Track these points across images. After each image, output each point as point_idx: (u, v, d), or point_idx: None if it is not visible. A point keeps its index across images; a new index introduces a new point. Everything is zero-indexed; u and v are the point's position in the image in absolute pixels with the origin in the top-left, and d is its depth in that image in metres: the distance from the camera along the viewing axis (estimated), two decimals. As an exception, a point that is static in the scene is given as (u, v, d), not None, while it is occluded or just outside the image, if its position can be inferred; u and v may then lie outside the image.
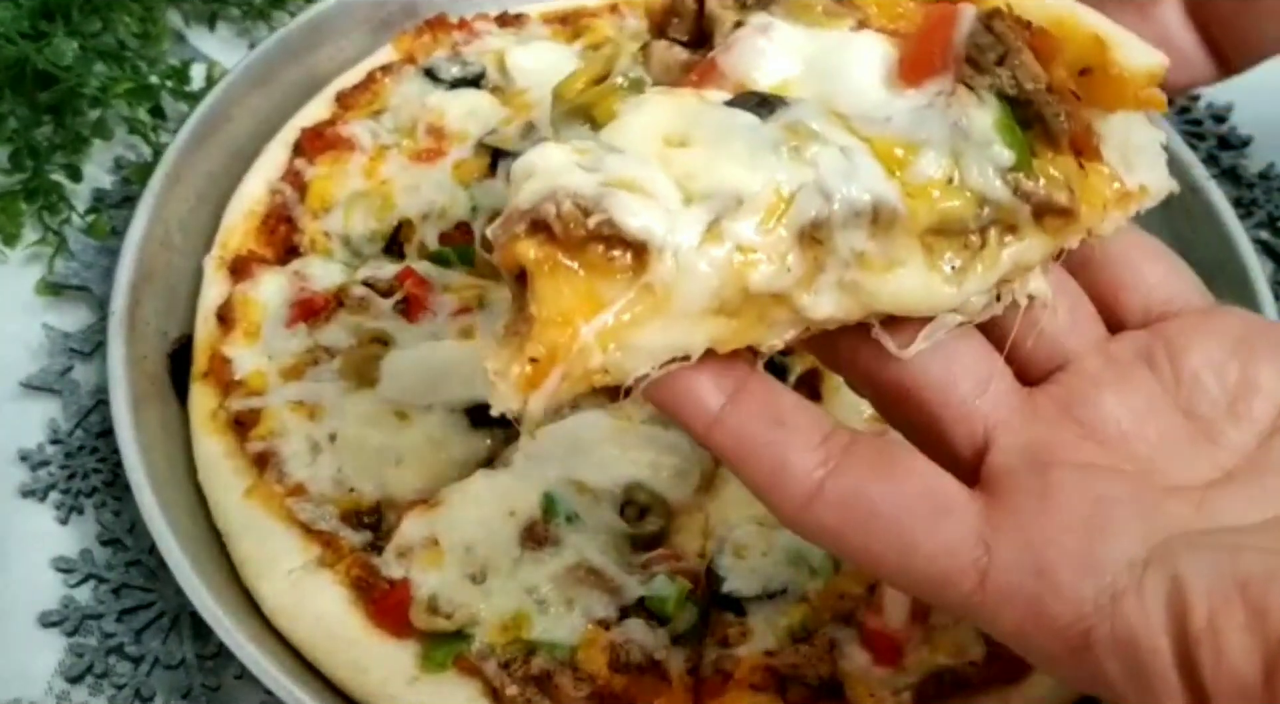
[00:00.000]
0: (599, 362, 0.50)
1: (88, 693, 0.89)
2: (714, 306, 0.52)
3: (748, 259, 0.52)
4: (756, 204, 0.52)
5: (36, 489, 0.97)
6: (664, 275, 0.50)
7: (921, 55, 0.56)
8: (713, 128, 0.54)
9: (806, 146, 0.53)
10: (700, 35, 0.64)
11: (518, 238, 0.50)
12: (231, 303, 0.99)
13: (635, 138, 0.54)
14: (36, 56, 1.10)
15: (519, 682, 0.79)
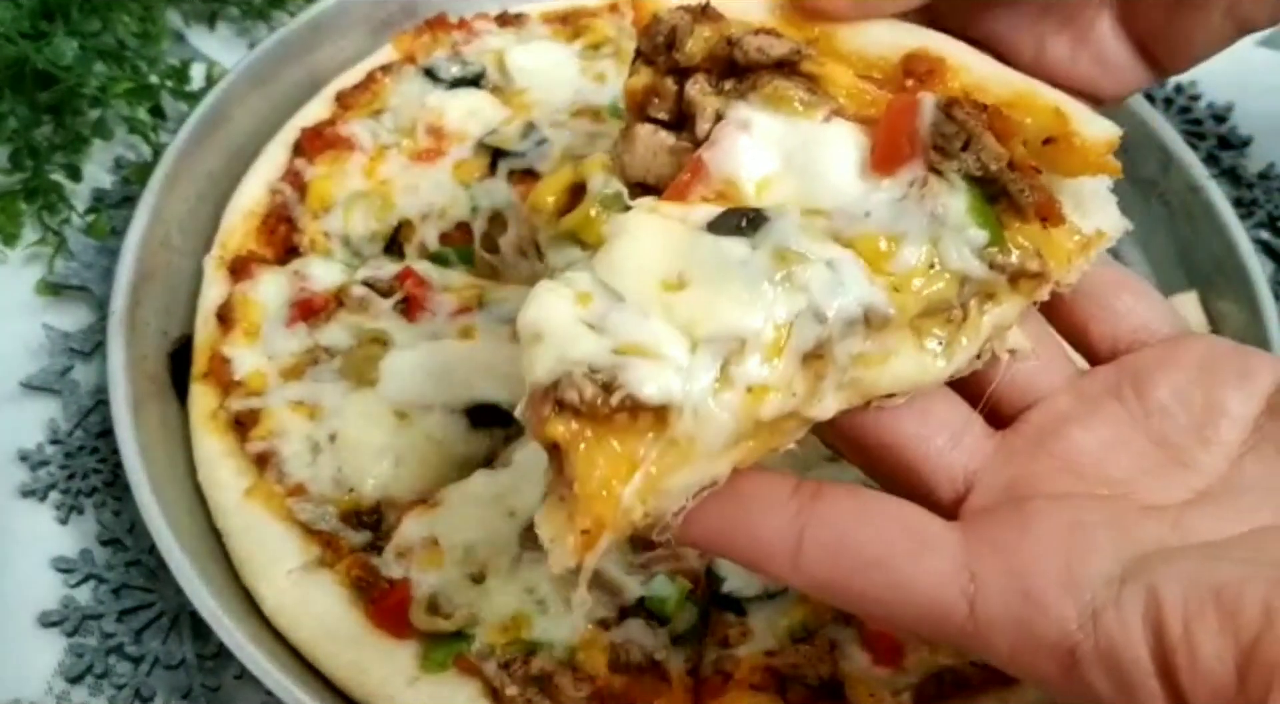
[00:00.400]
0: (640, 513, 0.54)
1: (88, 693, 0.89)
2: (733, 440, 0.55)
3: (758, 395, 0.55)
4: (760, 342, 0.55)
5: (36, 489, 0.97)
6: (686, 429, 0.54)
7: (889, 145, 0.60)
8: (708, 266, 0.57)
9: (795, 271, 0.56)
10: (680, 116, 0.66)
11: (547, 418, 0.55)
12: (231, 303, 0.99)
13: (632, 282, 0.57)
14: (36, 56, 1.10)
15: (519, 682, 0.79)
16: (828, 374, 0.57)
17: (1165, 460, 0.57)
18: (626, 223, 0.59)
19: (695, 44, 0.65)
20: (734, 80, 0.65)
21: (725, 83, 0.65)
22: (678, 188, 0.61)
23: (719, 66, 0.65)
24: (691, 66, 0.65)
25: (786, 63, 0.64)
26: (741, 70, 0.64)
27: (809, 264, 0.56)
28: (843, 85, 0.64)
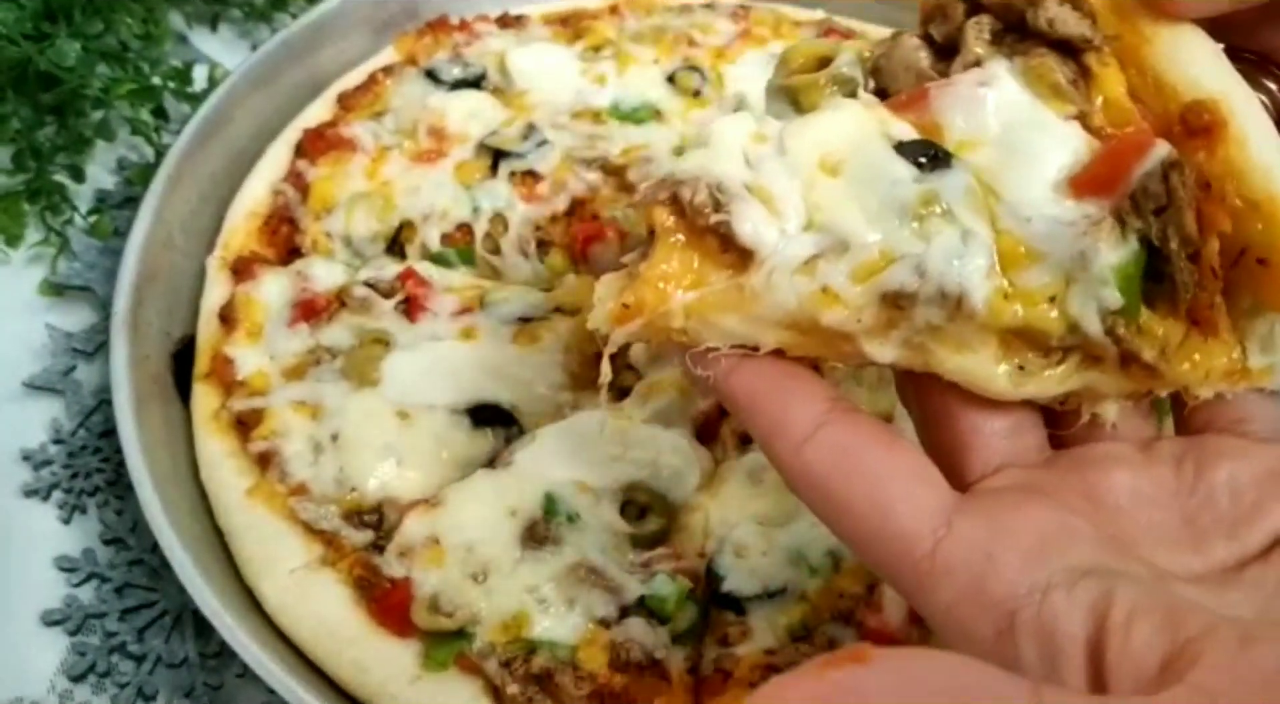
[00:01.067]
0: (679, 325, 0.57)
1: (90, 692, 0.89)
2: (788, 322, 0.57)
3: (828, 299, 0.56)
4: (856, 257, 0.56)
5: (39, 489, 0.97)
6: (755, 284, 0.56)
7: (1098, 173, 0.58)
8: (865, 168, 0.58)
9: (932, 221, 0.56)
10: (950, 46, 0.65)
11: (658, 202, 0.58)
12: (234, 303, 0.99)
13: (804, 147, 0.59)
14: (39, 58, 1.11)
15: (520, 680, 0.80)
16: (899, 324, 0.57)
17: (1184, 538, 0.57)
18: (841, 104, 0.61)
19: None
20: (1014, 36, 0.63)
21: (1006, 35, 0.63)
22: (896, 103, 0.62)
23: (1010, 15, 0.63)
24: (986, 3, 0.64)
25: (1071, 44, 0.62)
26: (1025, 30, 0.62)
27: (947, 223, 0.56)
28: (1110, 95, 0.61)
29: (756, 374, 0.59)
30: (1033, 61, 0.61)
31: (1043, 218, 0.57)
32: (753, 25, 1.19)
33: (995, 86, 0.60)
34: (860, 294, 0.56)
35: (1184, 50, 0.61)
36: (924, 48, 0.66)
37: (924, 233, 0.56)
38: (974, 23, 0.64)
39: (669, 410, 0.91)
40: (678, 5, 1.23)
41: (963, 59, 0.63)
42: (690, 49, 1.15)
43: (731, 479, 0.90)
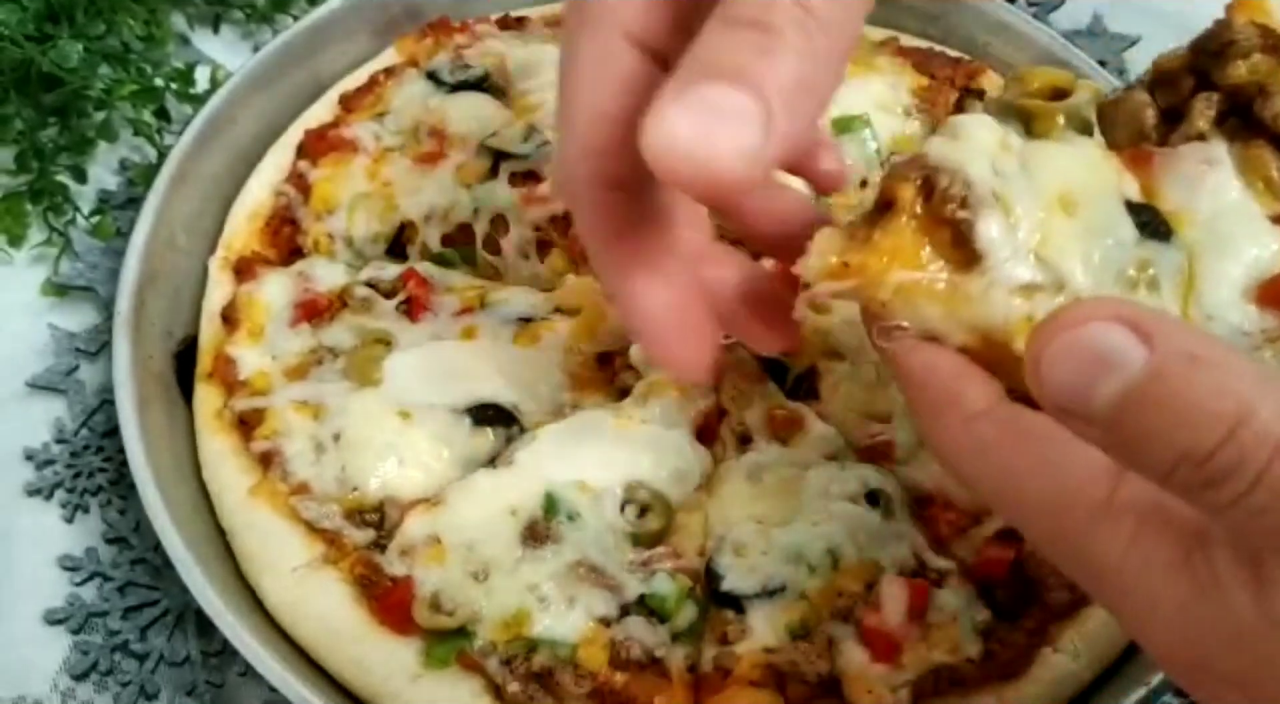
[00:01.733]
0: (884, 298, 0.60)
1: (93, 690, 0.90)
2: (984, 332, 0.60)
3: (1028, 328, 0.57)
4: (1068, 297, 0.58)
5: (42, 488, 0.98)
6: (972, 289, 0.59)
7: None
8: (1098, 218, 0.60)
9: (1141, 290, 0.58)
10: (1172, 114, 0.67)
11: (907, 179, 0.60)
12: (236, 303, 1.00)
13: (1047, 176, 0.61)
14: (42, 59, 1.11)
15: (520, 678, 0.80)
16: None
17: None
18: (1079, 142, 0.63)
19: (1236, 70, 0.65)
20: (1237, 121, 0.64)
21: (1229, 117, 0.65)
22: (1133, 155, 0.63)
23: (1239, 99, 0.65)
24: (1217, 82, 0.65)
25: None
26: (1249, 117, 0.64)
27: (1151, 296, 0.58)
28: None
29: (939, 356, 0.60)
30: (1251, 151, 0.63)
31: (1224, 320, 0.59)
32: (753, 27, 1.19)
33: (1216, 169, 0.62)
34: None
35: None
36: (1152, 106, 0.67)
37: (1131, 296, 0.58)
38: (1203, 98, 0.65)
39: (669, 410, 0.92)
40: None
41: (1185, 130, 0.65)
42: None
43: (731, 479, 0.90)
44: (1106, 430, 0.49)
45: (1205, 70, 0.67)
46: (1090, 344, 0.49)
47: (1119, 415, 0.48)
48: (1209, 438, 0.46)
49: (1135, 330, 0.48)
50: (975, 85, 1.14)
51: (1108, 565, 0.53)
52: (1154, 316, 0.49)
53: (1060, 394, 0.50)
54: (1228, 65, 0.65)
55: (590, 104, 0.61)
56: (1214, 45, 0.66)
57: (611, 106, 0.60)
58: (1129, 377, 0.48)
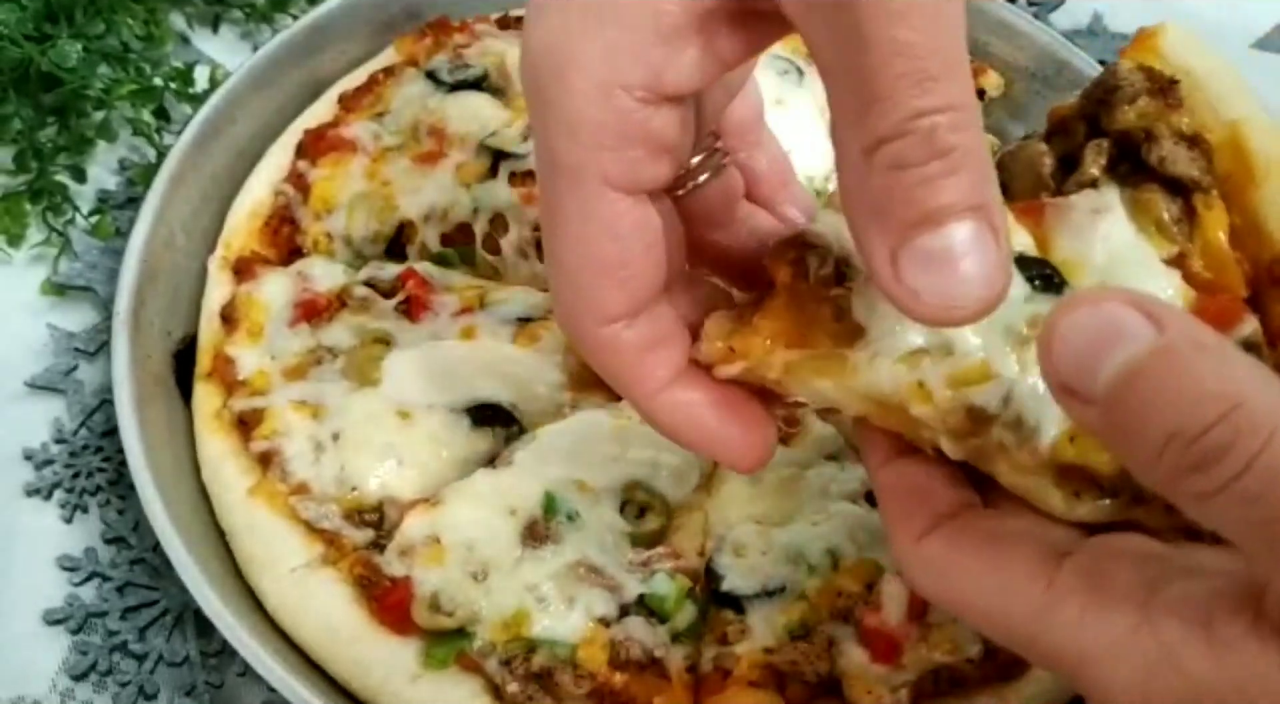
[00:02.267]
0: (775, 377, 0.62)
1: (92, 690, 0.90)
2: (878, 400, 0.60)
3: (921, 393, 0.59)
4: (958, 364, 0.58)
5: (41, 488, 0.98)
6: (857, 363, 0.60)
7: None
8: None
9: (1030, 350, 0.57)
10: (1070, 161, 0.67)
11: (784, 258, 0.62)
12: (235, 303, 0.99)
13: None
14: (41, 58, 1.11)
15: (520, 679, 0.80)
16: (977, 434, 0.59)
17: None
18: None
19: (1124, 115, 0.66)
20: (1128, 165, 0.65)
21: (1121, 163, 0.65)
22: (1015, 209, 0.63)
23: (1127, 144, 0.66)
24: (1106, 129, 0.66)
25: (1180, 183, 0.64)
26: (1139, 161, 0.65)
27: None
28: (1210, 239, 0.63)
29: (901, 471, 0.63)
30: (1141, 194, 0.63)
31: None
32: (753, 26, 1.19)
33: (1107, 215, 0.62)
34: (950, 399, 0.58)
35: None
36: (1049, 155, 0.68)
37: (1022, 360, 0.58)
38: (1094, 145, 0.66)
39: (668, 410, 0.92)
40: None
41: (1078, 177, 0.65)
42: (690, 50, 1.16)
43: (731, 478, 0.90)
44: (1104, 408, 0.50)
45: (1095, 116, 0.67)
46: (1102, 320, 0.50)
47: (1119, 390, 0.49)
48: (1203, 416, 0.46)
49: (1148, 315, 0.49)
50: (975, 85, 1.14)
51: (1065, 652, 0.54)
52: (1168, 308, 0.50)
53: (1067, 367, 0.51)
54: (1115, 111, 0.66)
55: (583, 256, 0.61)
56: (1101, 92, 0.67)
57: (607, 254, 0.61)
58: (1134, 352, 0.48)
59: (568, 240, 0.61)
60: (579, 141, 0.58)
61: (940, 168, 0.51)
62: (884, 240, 0.53)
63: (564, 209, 0.61)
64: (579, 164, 0.59)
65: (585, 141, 0.58)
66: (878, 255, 0.53)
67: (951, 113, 0.51)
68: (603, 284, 0.61)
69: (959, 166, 0.52)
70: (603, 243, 0.60)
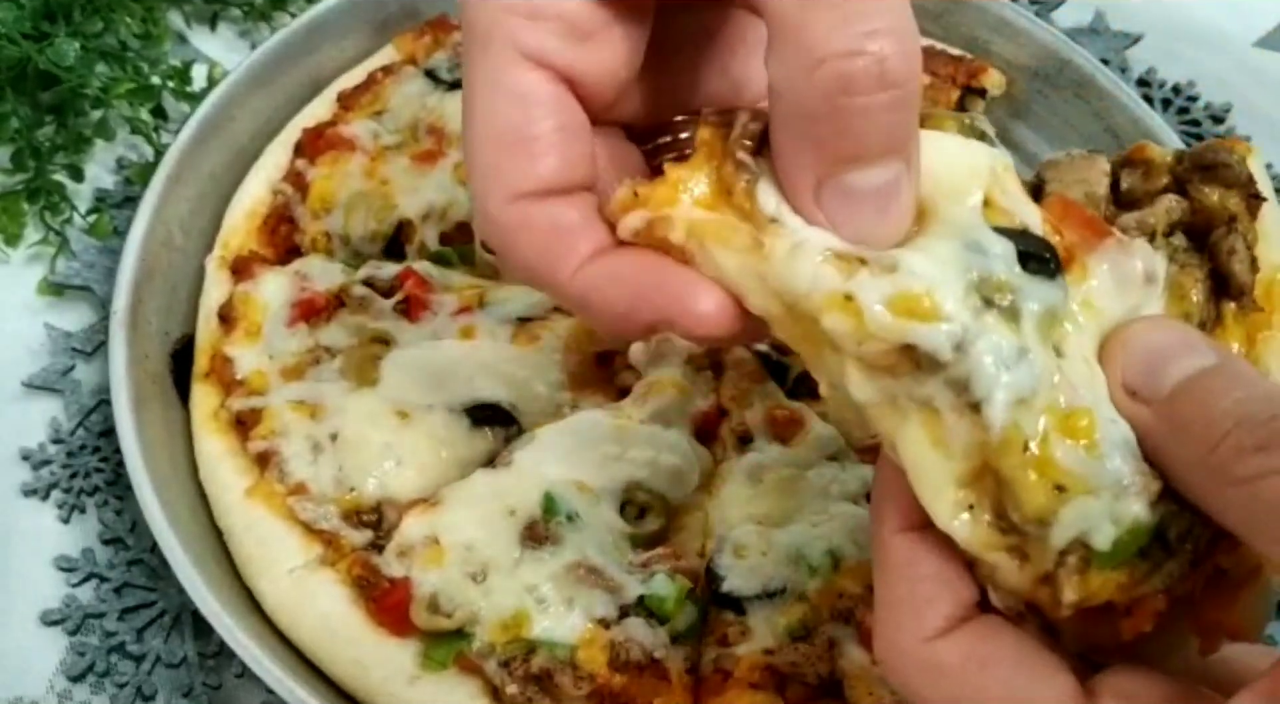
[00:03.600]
0: (678, 239, 0.56)
1: (89, 691, 0.89)
2: (787, 299, 0.54)
3: (846, 308, 0.52)
4: (900, 284, 0.52)
5: (38, 488, 0.97)
6: (774, 249, 0.54)
7: None
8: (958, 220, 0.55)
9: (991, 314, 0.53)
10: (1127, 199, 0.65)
11: (709, 119, 0.56)
12: (233, 303, 0.99)
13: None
14: (38, 57, 1.11)
15: (519, 680, 0.80)
16: (898, 375, 0.54)
17: None
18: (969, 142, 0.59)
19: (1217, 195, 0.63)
20: (1188, 239, 0.63)
21: (1183, 229, 0.63)
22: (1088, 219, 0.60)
23: (1199, 219, 0.63)
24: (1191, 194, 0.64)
25: (1227, 284, 0.62)
26: (1203, 240, 0.63)
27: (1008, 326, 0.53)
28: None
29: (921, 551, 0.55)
30: (1184, 276, 0.61)
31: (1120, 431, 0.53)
32: (752, 25, 1.19)
33: (1153, 287, 0.59)
34: (885, 326, 0.52)
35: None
36: (1109, 177, 0.65)
37: (979, 319, 0.52)
38: (1172, 198, 0.64)
39: (668, 410, 0.91)
40: (677, 5, 1.23)
41: (1138, 216, 0.62)
42: (690, 48, 1.15)
43: (731, 479, 0.90)
44: (1168, 405, 0.52)
45: (1185, 179, 0.65)
46: (1174, 335, 0.54)
47: (1188, 386, 0.51)
48: (1274, 406, 0.49)
49: (1210, 345, 0.54)
50: (977, 83, 1.14)
51: None
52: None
53: (1134, 368, 0.53)
54: (1213, 184, 0.64)
55: (490, 125, 0.58)
56: (1210, 158, 0.64)
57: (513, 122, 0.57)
58: (1203, 362, 0.52)
59: (477, 110, 0.57)
60: (489, 2, 0.57)
61: (886, 101, 0.50)
62: (811, 167, 0.52)
63: (475, 76, 0.58)
64: (489, 26, 0.57)
65: (495, 2, 0.57)
66: (801, 180, 0.52)
67: (903, 42, 0.50)
68: (510, 155, 0.56)
69: (903, 104, 0.51)
70: (510, 111, 0.57)
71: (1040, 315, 0.54)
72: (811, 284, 0.53)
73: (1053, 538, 0.52)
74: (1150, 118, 1.09)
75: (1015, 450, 0.52)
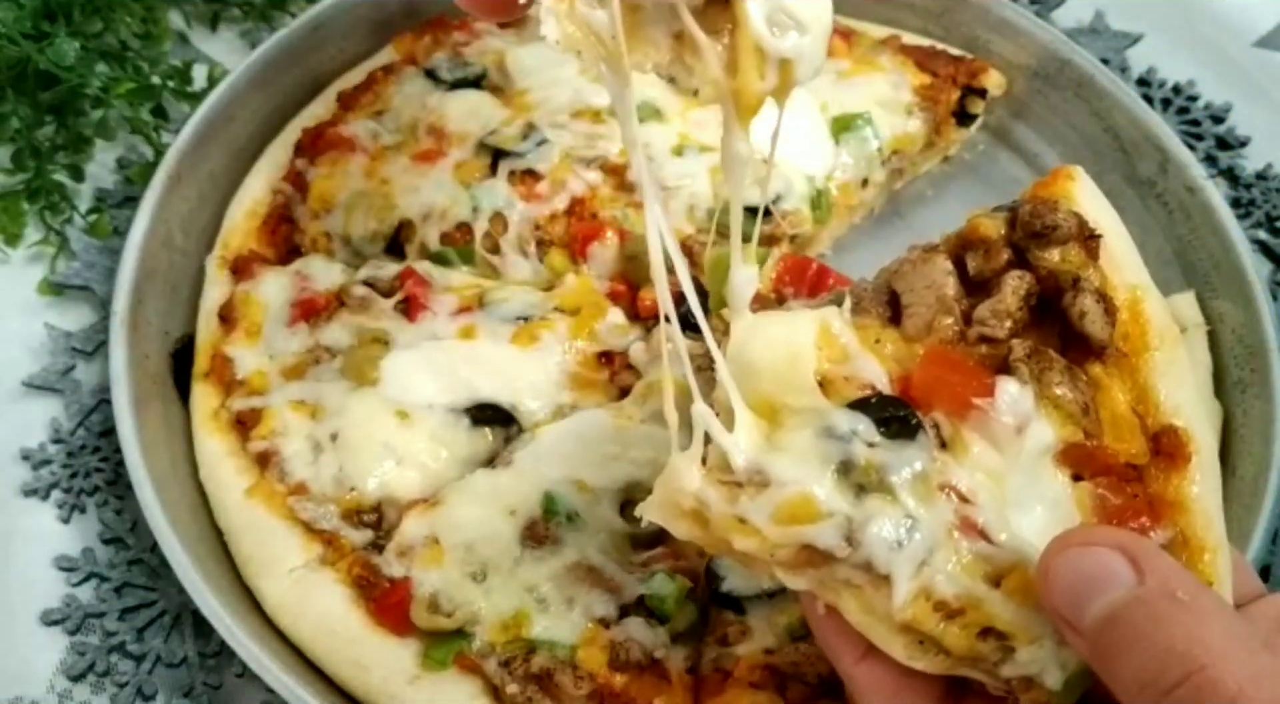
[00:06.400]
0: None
1: (89, 691, 0.89)
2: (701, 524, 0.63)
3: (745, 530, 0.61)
4: (777, 496, 0.59)
5: (38, 488, 0.97)
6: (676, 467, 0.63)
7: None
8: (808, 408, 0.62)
9: (872, 497, 0.59)
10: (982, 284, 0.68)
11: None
12: (233, 302, 0.99)
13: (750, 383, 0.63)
14: (39, 57, 1.10)
15: (519, 680, 0.80)
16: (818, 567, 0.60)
17: None
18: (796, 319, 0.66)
19: (1053, 257, 0.67)
20: (1037, 313, 0.67)
21: (1035, 301, 0.67)
22: (961, 386, 0.64)
23: (1049, 285, 0.67)
24: (1034, 264, 0.67)
25: (1089, 344, 0.66)
26: (1054, 306, 0.66)
27: (888, 503, 0.59)
28: (1116, 411, 0.66)
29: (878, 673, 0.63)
30: (1049, 390, 0.64)
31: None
32: (752, 24, 1.19)
33: (1029, 429, 0.63)
34: (782, 537, 0.59)
35: (1174, 373, 0.67)
36: (953, 276, 0.68)
37: (861, 506, 0.59)
38: (1017, 276, 0.66)
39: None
40: (677, 4, 1.22)
41: (993, 310, 0.65)
42: (690, 48, 1.15)
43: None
44: (1091, 642, 0.56)
45: (1023, 248, 0.68)
46: (1091, 563, 0.57)
47: (1102, 631, 0.55)
48: (1172, 675, 0.52)
49: (1132, 561, 0.56)
50: (977, 83, 1.14)
51: None
52: (1151, 553, 0.57)
53: (1061, 601, 0.57)
54: (1048, 249, 0.66)
55: None
56: (1039, 225, 0.67)
57: None
58: (1115, 599, 0.55)
59: None
60: None
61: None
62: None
63: None
64: None
65: None
66: None
67: None
68: None
69: None
70: None
71: (913, 480, 0.59)
72: (716, 515, 0.60)
73: (1003, 673, 0.59)
74: (1150, 118, 1.08)
75: (928, 611, 0.59)
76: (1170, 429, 0.65)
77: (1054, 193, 0.69)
